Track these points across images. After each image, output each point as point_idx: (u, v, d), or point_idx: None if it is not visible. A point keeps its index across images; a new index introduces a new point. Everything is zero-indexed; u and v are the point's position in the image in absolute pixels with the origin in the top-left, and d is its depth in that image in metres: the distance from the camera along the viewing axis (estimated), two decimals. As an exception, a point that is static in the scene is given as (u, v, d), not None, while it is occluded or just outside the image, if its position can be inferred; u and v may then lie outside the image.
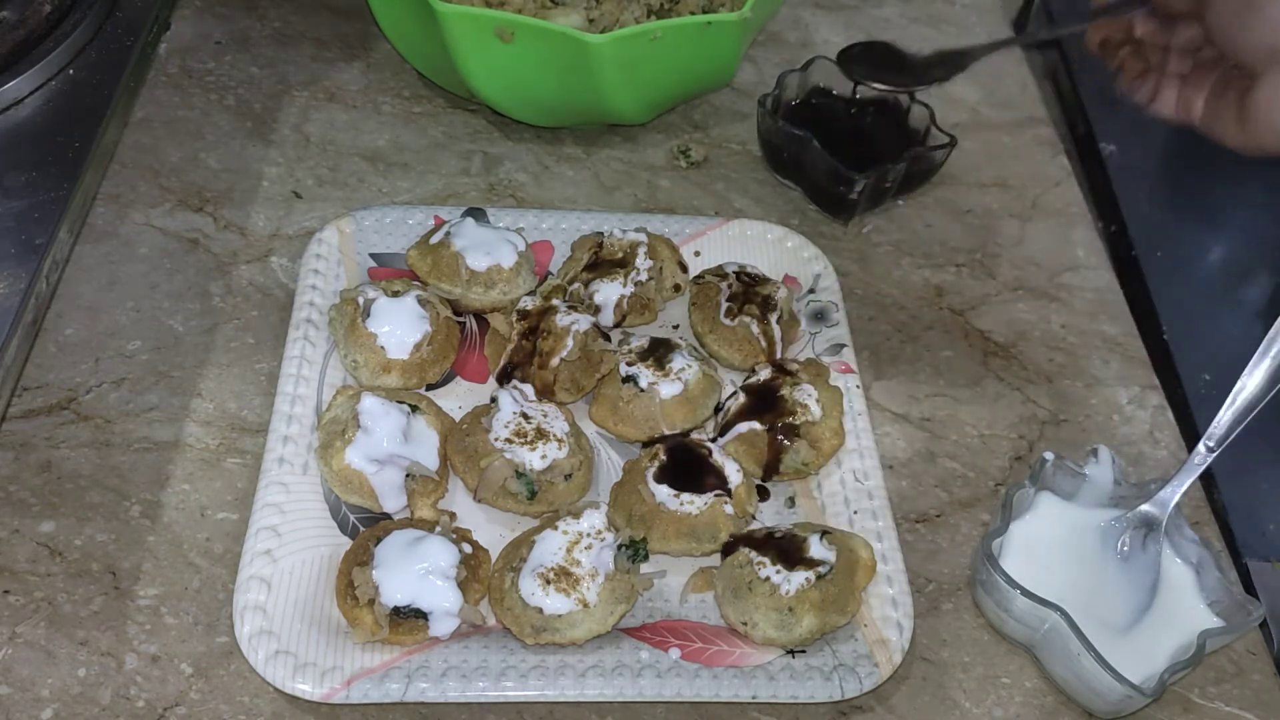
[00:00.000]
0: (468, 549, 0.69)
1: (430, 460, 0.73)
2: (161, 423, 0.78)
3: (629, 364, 0.79)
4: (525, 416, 0.74)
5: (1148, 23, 0.83)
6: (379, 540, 0.68)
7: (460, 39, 0.88)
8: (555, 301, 0.81)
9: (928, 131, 0.98)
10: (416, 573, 0.66)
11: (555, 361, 0.78)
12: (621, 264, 0.85)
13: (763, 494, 0.78)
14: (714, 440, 0.78)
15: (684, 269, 0.88)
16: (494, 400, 0.76)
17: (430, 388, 0.81)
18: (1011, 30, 1.23)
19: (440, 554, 0.67)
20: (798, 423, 0.77)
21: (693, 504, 0.72)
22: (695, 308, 0.86)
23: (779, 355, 0.84)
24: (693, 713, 0.68)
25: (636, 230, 0.88)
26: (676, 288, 0.87)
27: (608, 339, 0.82)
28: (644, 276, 0.85)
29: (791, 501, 0.78)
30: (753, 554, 0.69)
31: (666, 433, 0.78)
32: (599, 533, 0.69)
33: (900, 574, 0.72)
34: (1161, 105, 0.81)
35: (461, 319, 0.84)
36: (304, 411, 0.76)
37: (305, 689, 0.64)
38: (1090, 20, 0.87)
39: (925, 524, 0.79)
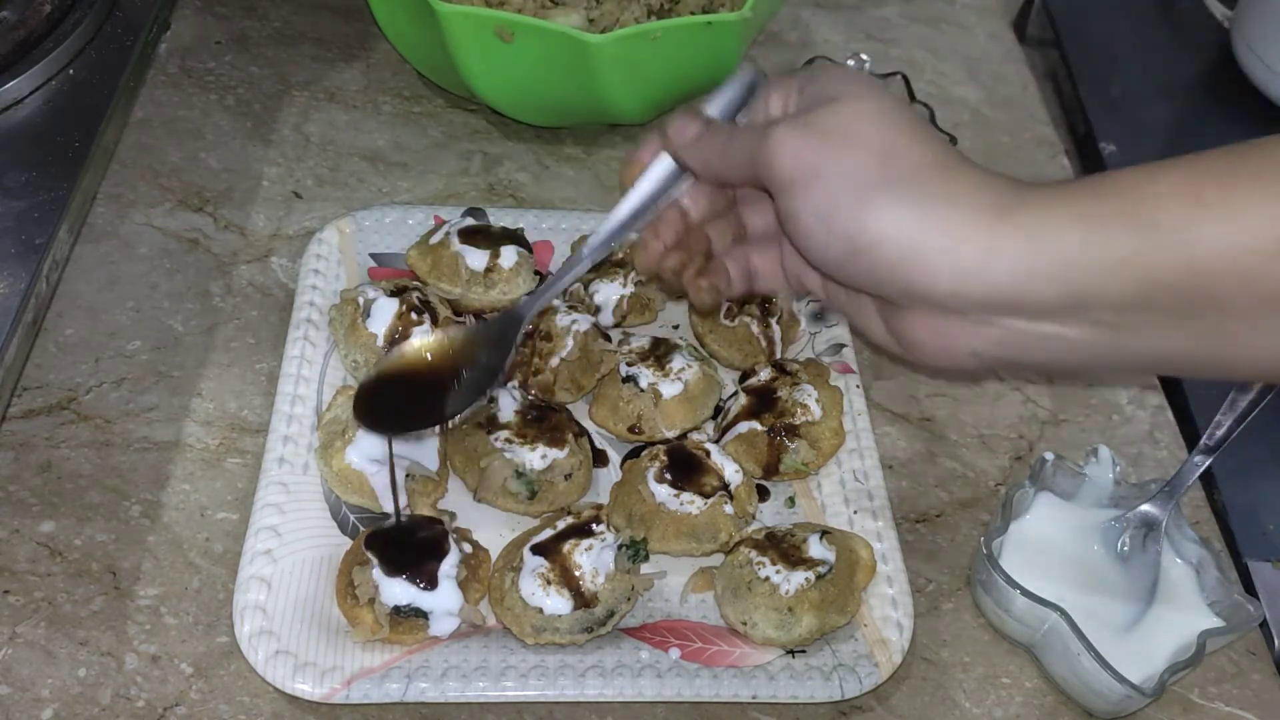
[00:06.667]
0: (468, 549, 0.69)
1: (430, 460, 0.73)
2: (161, 423, 0.78)
3: (629, 364, 0.79)
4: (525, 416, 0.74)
5: (702, 197, 0.64)
6: (379, 540, 0.68)
7: (460, 39, 0.88)
8: (555, 302, 0.81)
9: (928, 131, 0.97)
10: (416, 573, 0.66)
11: (555, 361, 0.78)
12: (621, 264, 0.85)
13: (763, 494, 0.78)
14: (715, 442, 0.78)
15: (684, 269, 0.88)
16: (494, 400, 0.76)
17: (430, 388, 0.80)
18: (1012, 30, 1.23)
19: (440, 554, 0.67)
20: (798, 423, 0.77)
21: (693, 504, 0.72)
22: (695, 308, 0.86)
23: (779, 355, 0.84)
24: (693, 713, 0.68)
25: (637, 231, 0.88)
26: (676, 288, 0.87)
27: (608, 339, 0.82)
28: (644, 276, 0.84)
29: (791, 501, 0.78)
30: (753, 554, 0.69)
31: (666, 433, 0.78)
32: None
33: (900, 574, 0.72)
34: (771, 270, 0.66)
35: (461, 319, 0.84)
36: (304, 411, 0.76)
37: (305, 689, 0.64)
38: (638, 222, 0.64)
39: (925, 524, 0.79)
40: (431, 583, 0.66)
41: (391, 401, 0.68)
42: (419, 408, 0.68)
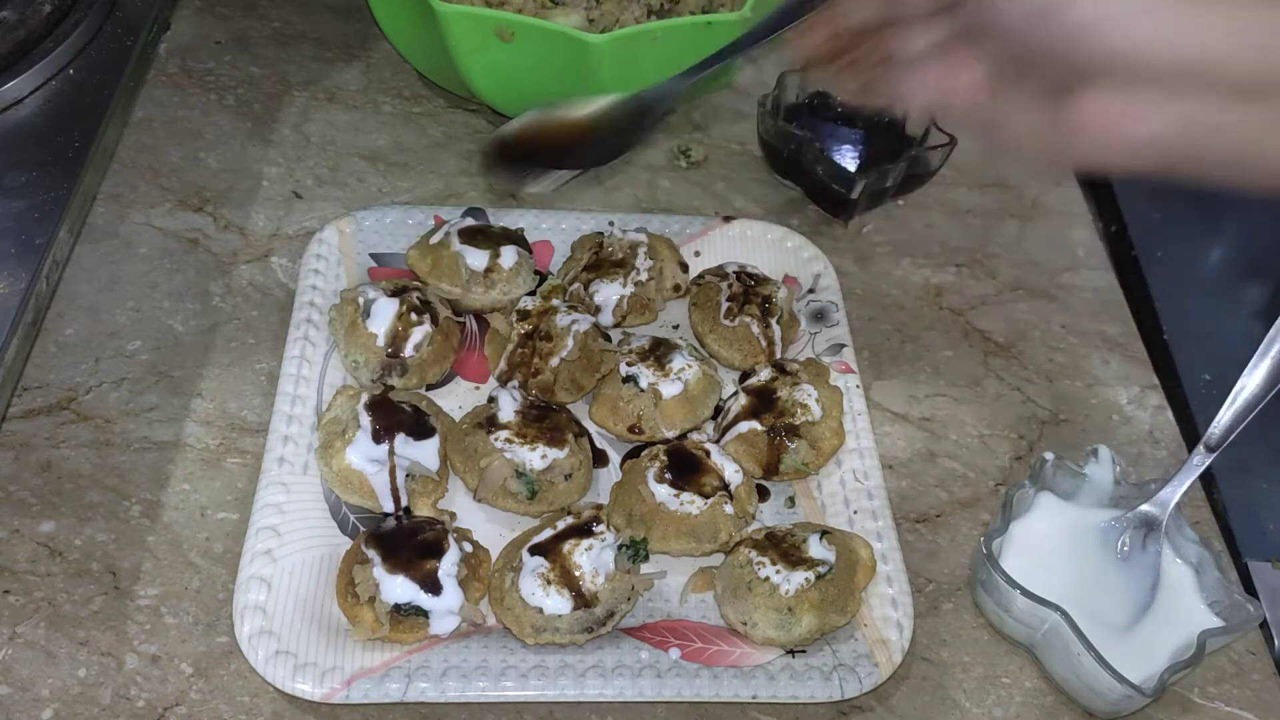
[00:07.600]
0: (468, 548, 0.69)
1: (430, 460, 0.73)
2: (161, 423, 0.78)
3: (629, 364, 0.79)
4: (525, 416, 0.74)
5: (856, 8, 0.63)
6: (379, 540, 0.68)
7: (460, 39, 0.88)
8: (555, 301, 0.81)
9: (927, 131, 0.98)
10: (416, 572, 0.66)
11: (555, 361, 0.78)
12: (621, 264, 0.85)
13: (763, 494, 0.78)
14: (715, 442, 0.78)
15: (684, 269, 0.88)
16: (493, 400, 0.76)
17: (430, 388, 0.81)
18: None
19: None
20: (798, 423, 0.77)
21: (693, 504, 0.72)
22: (695, 308, 0.86)
23: (779, 355, 0.84)
24: (693, 713, 0.68)
25: (636, 230, 0.88)
26: (676, 288, 0.87)
27: (608, 339, 0.82)
28: (644, 276, 0.85)
29: (791, 501, 0.78)
30: (753, 554, 0.69)
31: (666, 433, 0.78)
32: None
33: (900, 574, 0.72)
34: (919, 90, 0.62)
35: (461, 319, 0.84)
36: (304, 411, 0.76)
37: (305, 689, 0.64)
38: (792, 20, 0.65)
39: (925, 524, 0.79)
40: (432, 580, 0.66)
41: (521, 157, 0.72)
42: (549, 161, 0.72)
